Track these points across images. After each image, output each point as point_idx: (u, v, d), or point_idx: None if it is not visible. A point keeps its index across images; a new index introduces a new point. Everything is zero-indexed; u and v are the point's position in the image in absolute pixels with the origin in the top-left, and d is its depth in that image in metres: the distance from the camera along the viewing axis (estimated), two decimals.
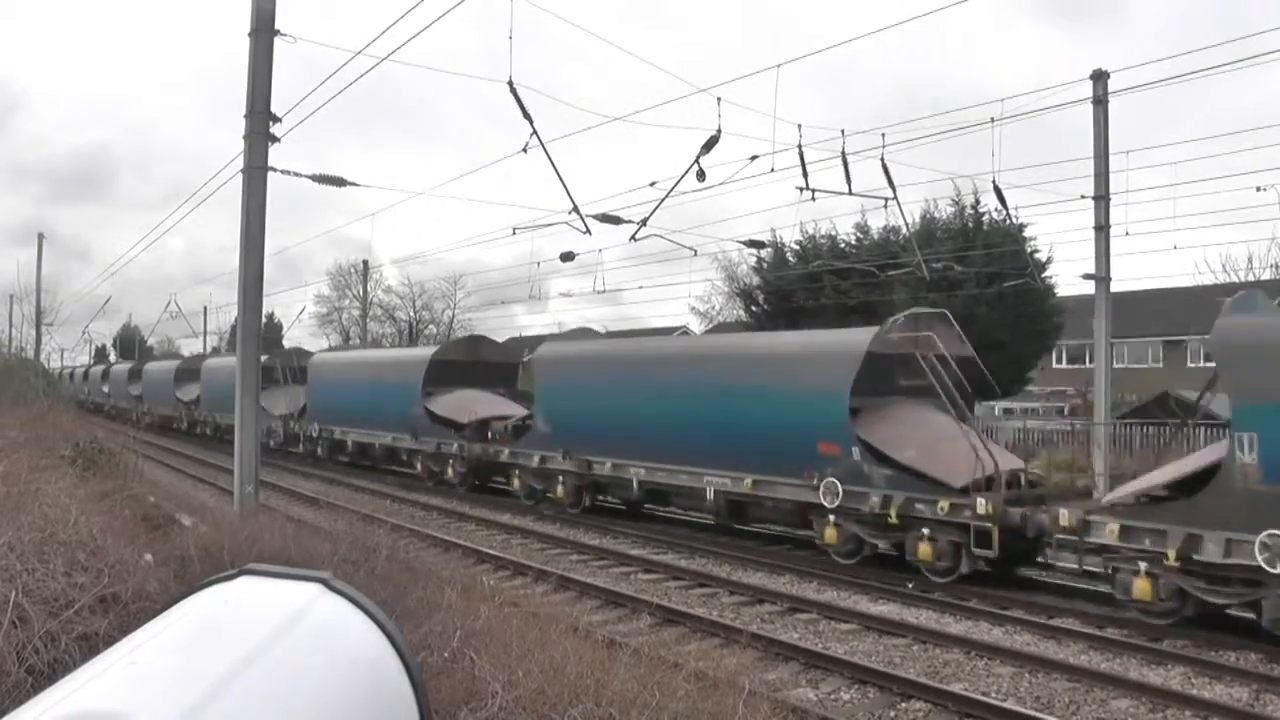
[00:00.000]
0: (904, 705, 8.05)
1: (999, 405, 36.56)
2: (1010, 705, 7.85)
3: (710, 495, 15.58)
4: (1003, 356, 31.05)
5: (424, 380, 23.37)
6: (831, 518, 13.62)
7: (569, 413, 18.64)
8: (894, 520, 12.88)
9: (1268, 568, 9.19)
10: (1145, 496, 11.22)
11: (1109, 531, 10.63)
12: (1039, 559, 12.31)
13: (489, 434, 21.48)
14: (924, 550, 12.55)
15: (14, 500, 7.48)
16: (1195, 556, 9.92)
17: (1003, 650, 9.51)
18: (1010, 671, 8.93)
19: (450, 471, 22.21)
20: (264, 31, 12.54)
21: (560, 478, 18.52)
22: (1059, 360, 42.66)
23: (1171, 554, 10.04)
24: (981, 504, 11.85)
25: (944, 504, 12.33)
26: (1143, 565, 10.37)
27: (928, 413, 13.77)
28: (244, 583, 1.10)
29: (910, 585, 12.36)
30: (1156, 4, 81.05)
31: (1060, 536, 11.30)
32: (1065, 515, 11.20)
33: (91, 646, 4.85)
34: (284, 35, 12.62)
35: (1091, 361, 23.93)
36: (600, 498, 18.60)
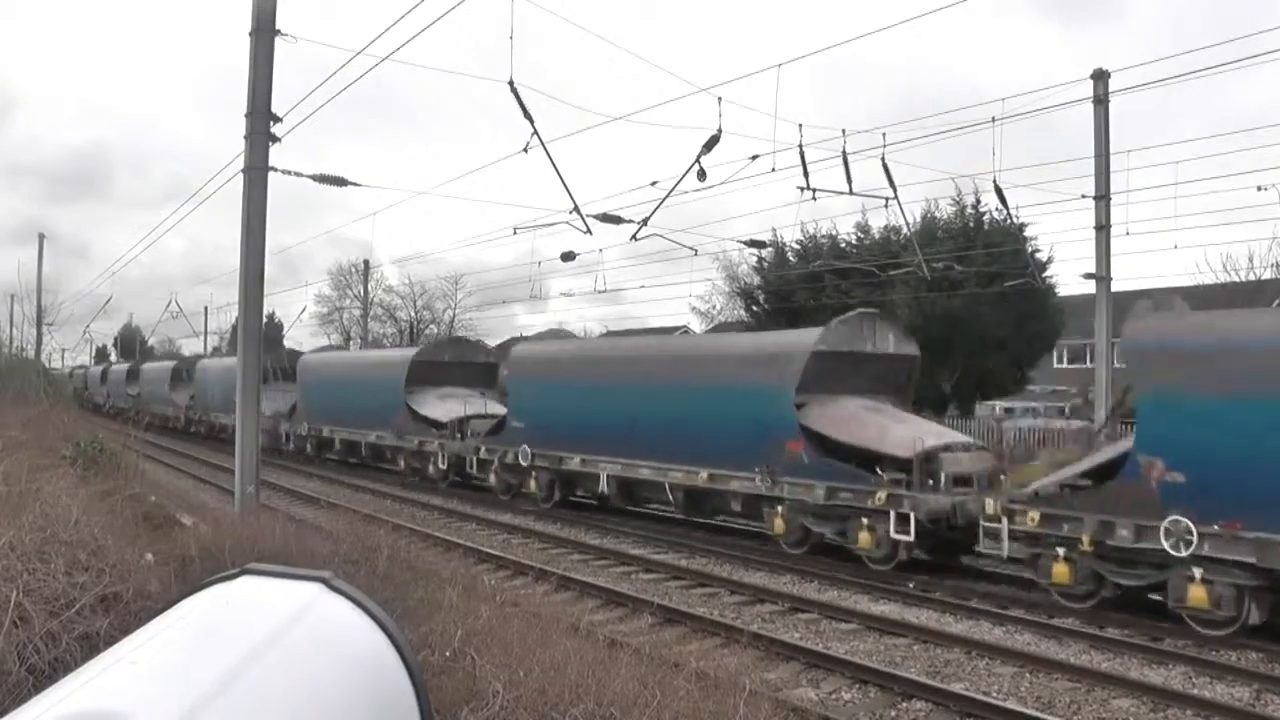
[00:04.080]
0: (905, 705, 8.04)
1: (999, 405, 36.57)
2: (1011, 705, 7.84)
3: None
4: (1003, 356, 31.16)
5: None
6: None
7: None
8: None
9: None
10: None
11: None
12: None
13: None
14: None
15: (15, 500, 7.48)
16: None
17: (1004, 650, 9.52)
18: (1011, 671, 8.93)
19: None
20: (264, 31, 12.54)
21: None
22: (1060, 360, 42.66)
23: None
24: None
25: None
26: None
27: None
28: (245, 582, 1.10)
29: (911, 585, 12.36)
30: (1157, 3, 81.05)
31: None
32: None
33: (92, 646, 4.86)
34: (284, 35, 12.62)
35: (1092, 361, 23.91)
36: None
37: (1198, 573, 9.78)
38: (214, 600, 1.07)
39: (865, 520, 13.16)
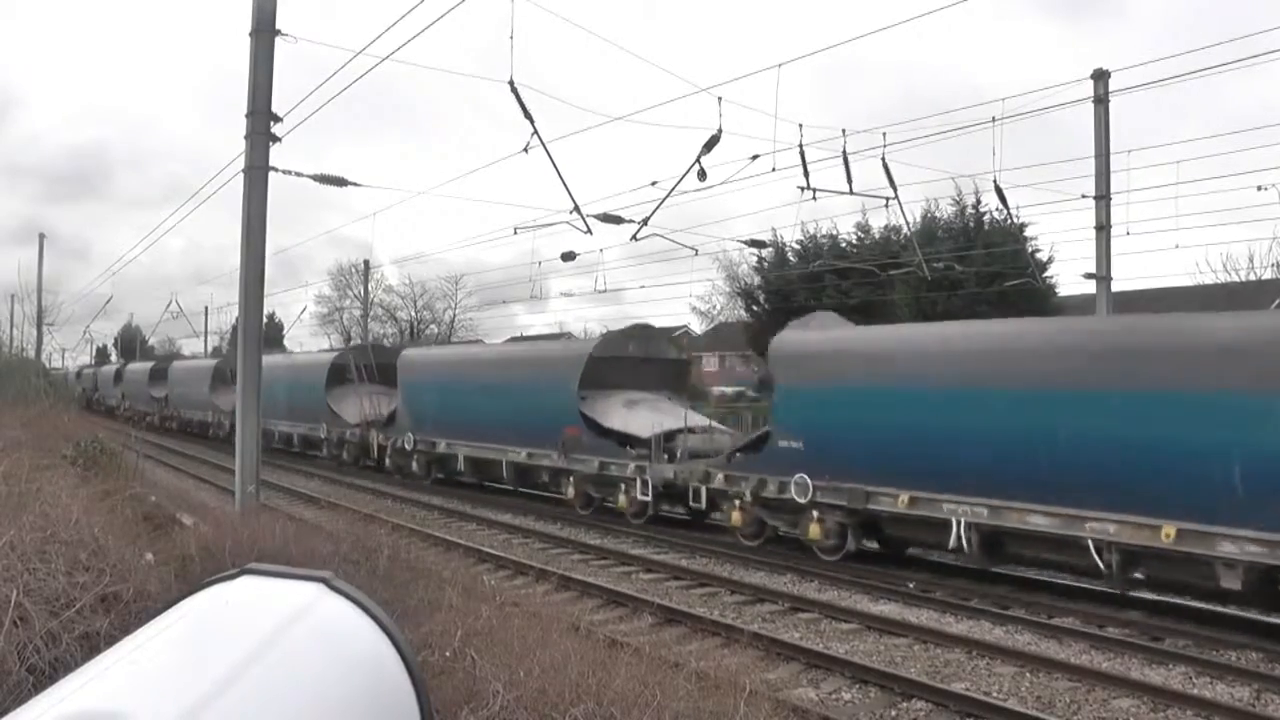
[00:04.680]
0: (905, 705, 8.04)
1: None
2: (1012, 705, 7.84)
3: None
4: None
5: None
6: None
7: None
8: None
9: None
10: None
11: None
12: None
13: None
14: (621, 500, 17.01)
15: (15, 500, 7.48)
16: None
17: (1004, 650, 9.51)
18: (1011, 671, 8.92)
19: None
20: (265, 31, 12.55)
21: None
22: None
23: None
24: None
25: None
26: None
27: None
28: (245, 582, 1.10)
29: (911, 585, 12.37)
30: (1157, 3, 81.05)
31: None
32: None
33: (92, 646, 4.86)
34: (285, 35, 12.62)
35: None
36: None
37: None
38: (214, 600, 1.07)
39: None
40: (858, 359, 14.47)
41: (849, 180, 17.37)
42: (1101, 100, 18.16)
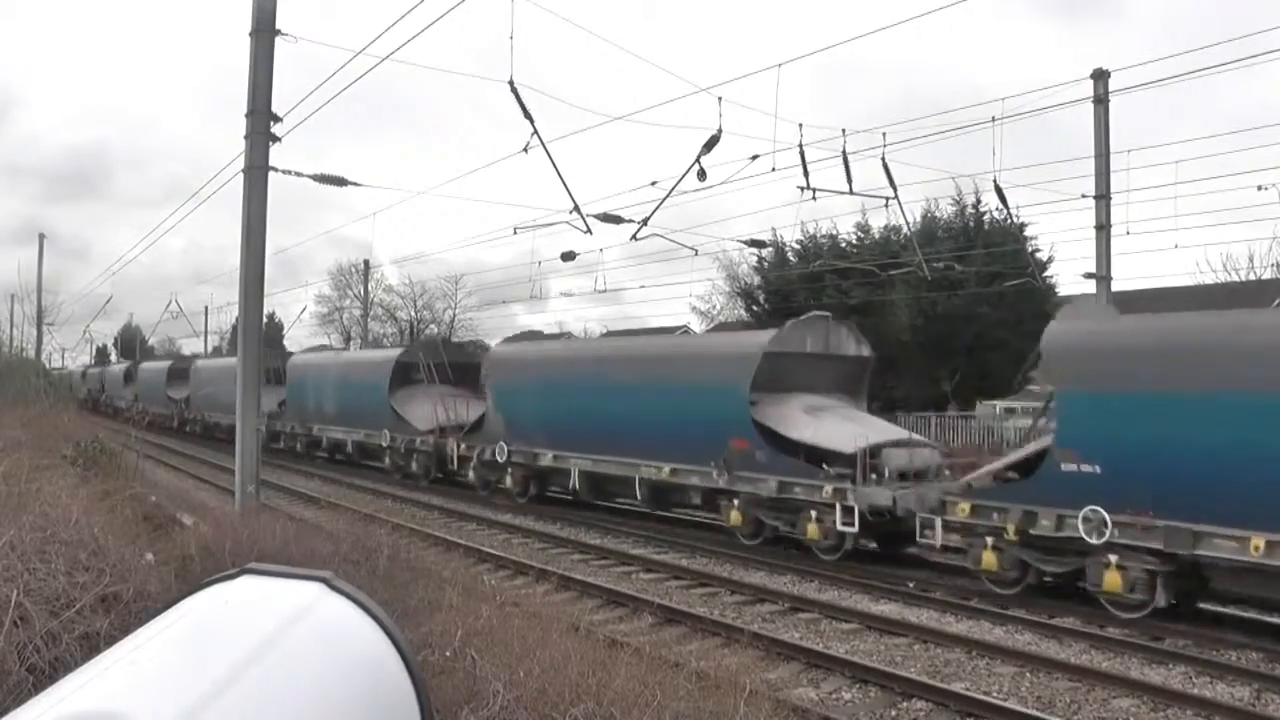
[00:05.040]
0: (905, 705, 8.04)
1: (1000, 405, 36.53)
2: (1012, 705, 7.84)
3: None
4: (1003, 356, 31.10)
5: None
6: (735, 501, 14.98)
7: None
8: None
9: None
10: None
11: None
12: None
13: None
14: (812, 530, 13.88)
15: (15, 500, 7.48)
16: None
17: (1004, 650, 9.51)
18: (1011, 671, 8.92)
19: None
20: (265, 31, 12.54)
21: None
22: None
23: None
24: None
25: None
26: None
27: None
28: (245, 582, 1.10)
29: (911, 585, 12.36)
30: (1157, 3, 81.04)
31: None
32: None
33: (93, 646, 4.86)
34: (285, 35, 12.62)
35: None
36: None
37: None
38: (214, 600, 1.07)
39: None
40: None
41: (849, 180, 17.38)
42: (1101, 100, 18.16)
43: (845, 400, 16.13)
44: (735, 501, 14.97)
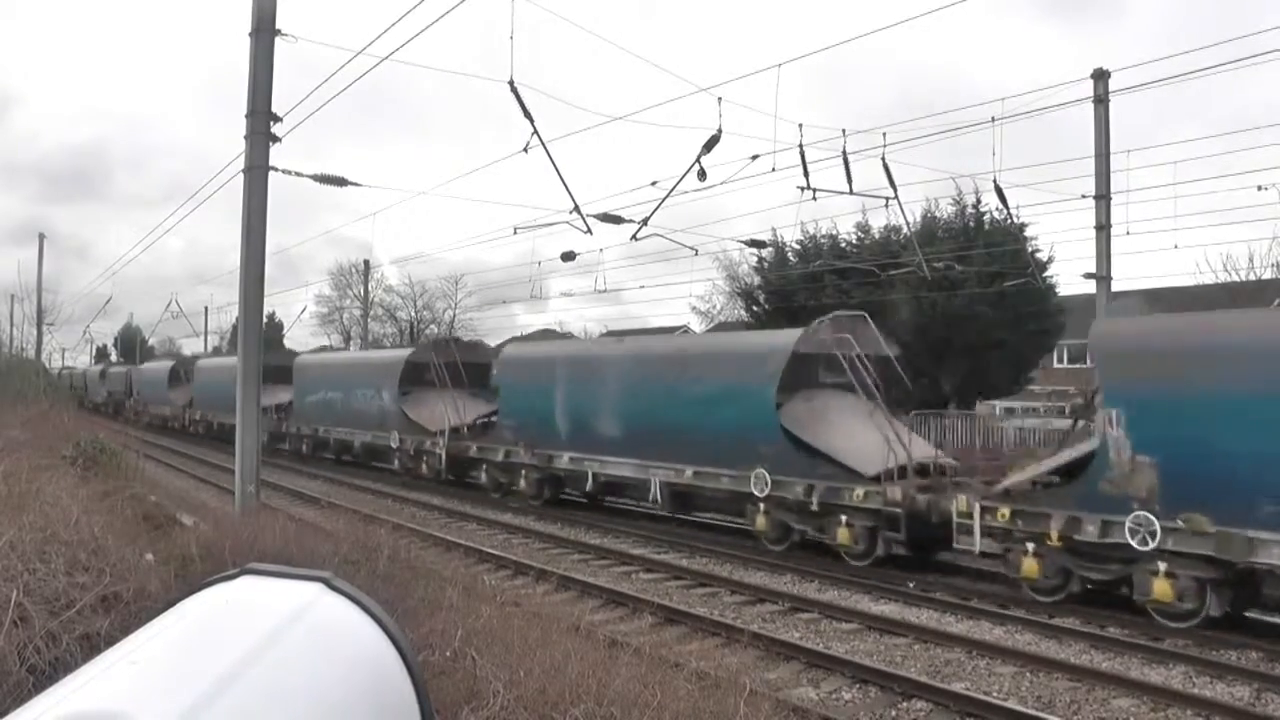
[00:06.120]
0: (905, 705, 8.04)
1: (1000, 405, 36.55)
2: (1012, 705, 7.84)
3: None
4: (1003, 356, 31.14)
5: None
6: (762, 505, 14.59)
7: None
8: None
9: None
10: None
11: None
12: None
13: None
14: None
15: (15, 500, 7.49)
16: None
17: (1004, 650, 9.52)
18: (1011, 671, 8.93)
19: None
20: (265, 31, 12.54)
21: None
22: (1060, 360, 42.61)
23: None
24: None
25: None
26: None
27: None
28: (245, 582, 1.10)
29: (911, 585, 12.36)
30: (1157, 2, 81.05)
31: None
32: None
33: (93, 646, 4.86)
34: (285, 35, 12.62)
35: (1093, 361, 23.78)
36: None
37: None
38: (214, 600, 1.07)
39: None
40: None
41: (849, 180, 17.38)
42: (1101, 100, 18.16)
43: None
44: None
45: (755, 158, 16.78)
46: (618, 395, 17.35)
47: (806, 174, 16.83)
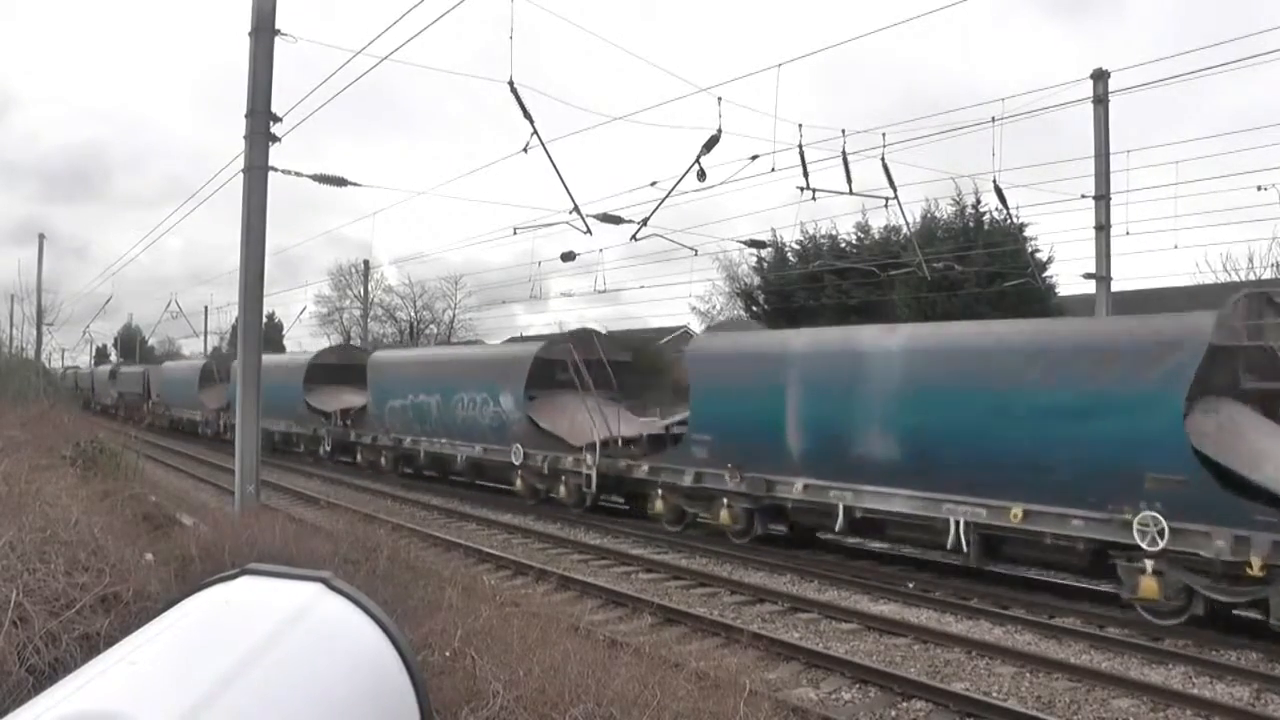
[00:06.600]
0: (905, 705, 8.04)
1: None
2: (1011, 705, 7.84)
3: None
4: None
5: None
6: (521, 473, 19.77)
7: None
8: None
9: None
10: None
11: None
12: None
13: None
14: (563, 490, 18.53)
15: (15, 500, 7.49)
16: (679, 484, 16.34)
17: (1004, 650, 9.51)
18: (1011, 671, 8.92)
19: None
20: (264, 31, 12.55)
21: (725, 500, 15.06)
22: None
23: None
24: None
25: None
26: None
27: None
28: (245, 582, 1.10)
29: (911, 585, 12.36)
30: (1157, 2, 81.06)
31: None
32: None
33: (93, 646, 4.86)
34: (284, 35, 12.62)
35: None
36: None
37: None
38: (214, 600, 1.07)
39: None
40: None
41: (849, 180, 17.38)
42: (1101, 100, 18.16)
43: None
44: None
45: (755, 158, 16.78)
46: (896, 404, 12.90)
47: (806, 174, 16.84)
